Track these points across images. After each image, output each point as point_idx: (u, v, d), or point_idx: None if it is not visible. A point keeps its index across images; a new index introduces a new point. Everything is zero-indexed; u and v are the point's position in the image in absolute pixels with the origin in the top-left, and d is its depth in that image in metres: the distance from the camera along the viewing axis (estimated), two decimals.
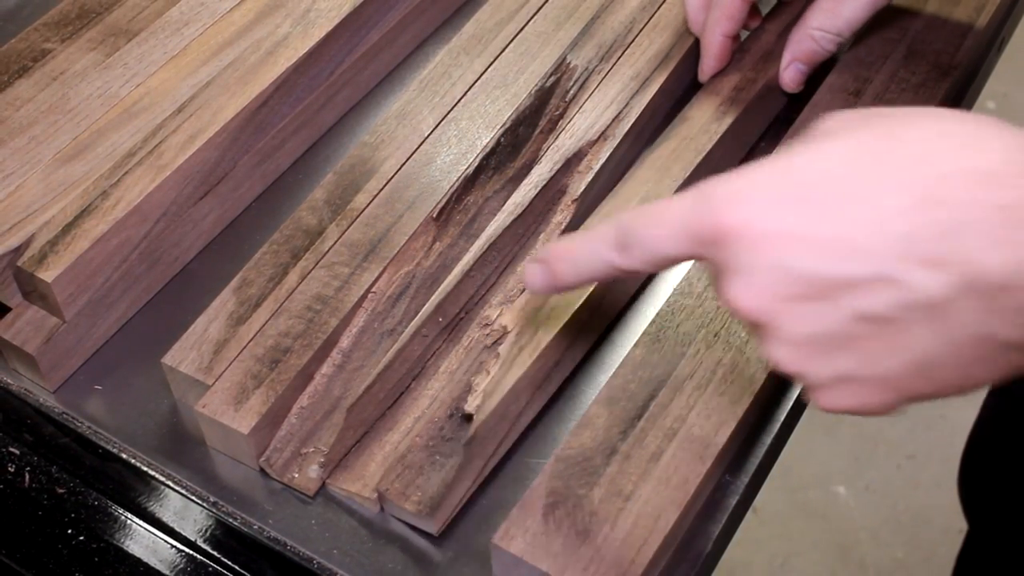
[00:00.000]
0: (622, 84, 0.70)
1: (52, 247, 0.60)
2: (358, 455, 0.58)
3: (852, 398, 0.45)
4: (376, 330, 0.61)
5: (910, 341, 0.43)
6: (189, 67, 0.69)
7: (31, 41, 0.71)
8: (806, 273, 0.43)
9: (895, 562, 1.54)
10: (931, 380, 0.44)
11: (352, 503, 0.57)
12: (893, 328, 0.43)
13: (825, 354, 0.44)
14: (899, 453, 1.63)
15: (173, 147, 0.65)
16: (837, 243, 0.42)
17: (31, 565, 0.59)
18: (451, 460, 0.56)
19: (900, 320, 0.42)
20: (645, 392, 0.57)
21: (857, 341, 0.43)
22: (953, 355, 0.43)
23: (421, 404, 0.59)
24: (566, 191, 0.66)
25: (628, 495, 0.53)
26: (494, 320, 0.61)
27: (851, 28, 0.68)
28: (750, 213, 0.44)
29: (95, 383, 0.63)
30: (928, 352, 0.43)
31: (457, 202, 0.66)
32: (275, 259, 0.63)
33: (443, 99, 0.70)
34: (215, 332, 0.60)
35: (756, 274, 0.44)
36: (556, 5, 0.75)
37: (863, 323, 0.43)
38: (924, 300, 0.42)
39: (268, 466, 0.58)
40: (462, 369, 0.60)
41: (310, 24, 0.71)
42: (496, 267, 0.64)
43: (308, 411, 0.59)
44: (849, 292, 0.42)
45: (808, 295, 0.43)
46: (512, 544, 0.52)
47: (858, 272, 0.42)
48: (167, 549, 0.59)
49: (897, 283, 0.42)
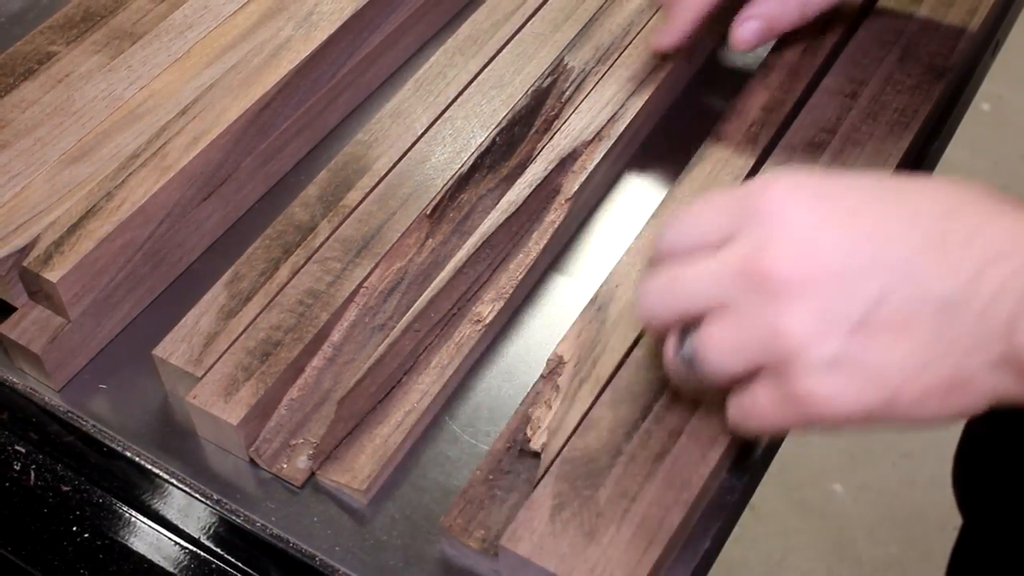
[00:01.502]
0: (618, 85, 0.71)
1: (57, 247, 0.60)
2: (348, 447, 0.58)
3: (844, 385, 0.46)
4: (367, 324, 0.62)
5: (916, 338, 0.45)
6: (193, 70, 0.69)
7: (36, 44, 0.71)
8: (840, 247, 0.46)
9: (891, 558, 1.54)
10: (920, 384, 0.45)
11: (352, 500, 0.58)
12: (904, 318, 0.45)
13: (835, 329, 0.45)
14: (895, 451, 1.63)
15: (177, 149, 0.65)
16: (872, 235, 0.46)
17: (37, 562, 0.59)
18: (512, 495, 0.56)
19: (913, 312, 0.45)
20: (649, 393, 0.57)
21: (870, 326, 0.45)
22: (948, 360, 0.45)
23: (412, 398, 0.60)
24: (560, 190, 0.67)
25: (634, 496, 0.53)
26: (486, 316, 0.62)
27: (819, 1, 0.68)
28: (791, 185, 0.48)
29: (100, 382, 0.63)
30: (924, 351, 0.44)
31: (451, 200, 0.66)
32: (267, 254, 0.63)
33: (437, 98, 0.71)
34: (206, 325, 0.60)
35: (800, 240, 0.46)
36: (553, 7, 0.75)
37: (880, 307, 0.45)
38: (935, 296, 0.44)
39: (257, 456, 0.58)
40: (452, 365, 0.60)
41: (312, 27, 0.71)
42: (489, 264, 0.64)
43: (298, 403, 0.59)
44: (875, 277, 0.45)
45: (836, 271, 0.45)
46: (519, 545, 0.52)
47: (890, 258, 0.45)
48: (171, 546, 0.60)
49: (914, 278, 0.45)
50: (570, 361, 0.59)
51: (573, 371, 0.59)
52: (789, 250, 0.46)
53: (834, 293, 0.45)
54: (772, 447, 0.60)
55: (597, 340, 0.60)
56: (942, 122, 0.72)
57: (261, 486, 0.58)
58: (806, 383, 0.46)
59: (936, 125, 0.71)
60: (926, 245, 0.45)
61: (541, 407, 0.58)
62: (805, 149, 0.66)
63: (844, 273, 0.45)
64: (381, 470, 0.58)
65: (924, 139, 0.70)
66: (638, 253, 0.63)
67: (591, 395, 0.57)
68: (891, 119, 0.68)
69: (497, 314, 0.63)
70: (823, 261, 0.46)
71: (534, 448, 0.56)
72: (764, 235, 0.47)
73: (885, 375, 0.45)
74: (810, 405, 0.46)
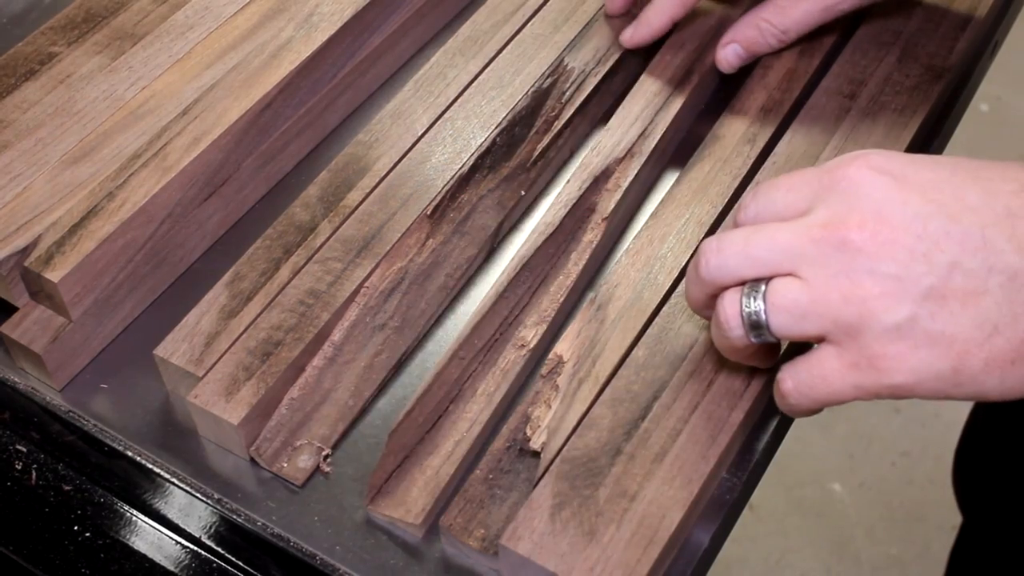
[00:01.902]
0: (646, 100, 0.70)
1: (59, 248, 0.61)
2: (399, 480, 0.57)
3: (911, 350, 0.47)
4: (368, 324, 0.62)
5: (985, 305, 0.47)
6: (194, 70, 0.69)
7: (38, 45, 0.71)
8: (918, 216, 0.47)
9: (890, 558, 1.54)
10: (985, 351, 0.47)
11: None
12: (974, 287, 0.47)
13: (907, 295, 0.47)
14: (893, 451, 1.64)
15: (178, 149, 0.65)
16: (946, 208, 0.47)
17: (38, 561, 0.59)
18: (511, 495, 0.56)
19: (982, 282, 0.46)
20: (648, 393, 0.57)
21: (940, 293, 0.47)
22: (1014, 329, 0.46)
23: (460, 427, 0.59)
24: (595, 209, 0.66)
25: (633, 495, 0.54)
26: (530, 340, 0.61)
27: (798, 29, 0.70)
28: (878, 161, 0.49)
29: (101, 382, 0.63)
30: (993, 318, 0.47)
31: (451, 200, 0.66)
32: (268, 254, 0.64)
33: (438, 99, 0.71)
34: (207, 325, 0.61)
35: (879, 211, 0.48)
36: (553, 8, 0.75)
37: (952, 276, 0.47)
38: (1005, 267, 0.46)
39: (258, 455, 0.58)
40: (500, 392, 0.60)
41: (313, 28, 0.71)
42: (528, 287, 0.63)
43: (298, 403, 0.59)
44: (948, 247, 0.47)
45: (912, 241, 0.47)
46: (519, 544, 0.52)
47: (964, 229, 0.47)
48: (172, 545, 0.60)
49: (985, 250, 0.46)
50: (569, 361, 0.59)
51: (572, 371, 0.59)
52: (868, 219, 0.48)
53: (908, 261, 0.47)
54: (771, 447, 0.60)
55: (596, 340, 0.60)
56: (940, 123, 0.72)
57: (262, 485, 0.58)
58: (875, 347, 0.47)
59: (934, 126, 0.71)
60: (997, 219, 0.47)
61: (541, 406, 0.58)
62: (804, 149, 0.67)
63: (919, 243, 0.47)
64: (435, 502, 0.57)
65: (922, 140, 0.70)
66: (637, 254, 0.63)
67: (591, 395, 0.58)
68: (890, 119, 0.68)
69: (540, 338, 0.62)
70: (900, 230, 0.47)
71: (534, 447, 0.56)
72: (845, 205, 0.48)
73: (952, 341, 0.47)
74: (878, 370, 0.48)
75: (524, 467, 0.57)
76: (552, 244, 0.65)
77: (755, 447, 0.59)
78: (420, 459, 0.58)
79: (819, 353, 0.49)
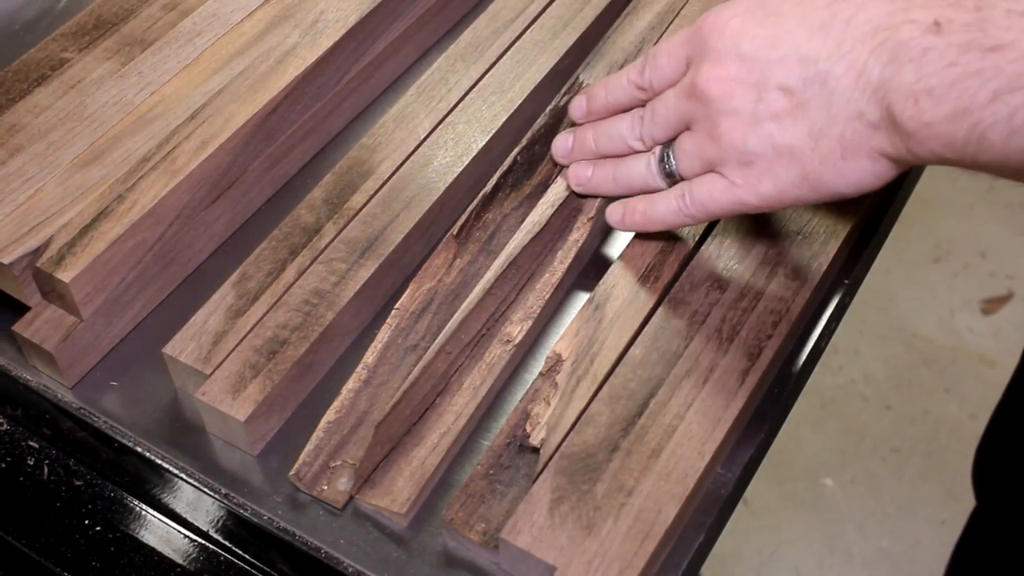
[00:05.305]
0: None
1: (70, 249, 0.61)
2: (386, 470, 0.58)
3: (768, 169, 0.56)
4: (400, 345, 0.62)
5: (810, 114, 0.54)
6: (202, 76, 0.69)
7: (50, 51, 0.71)
8: (753, 56, 0.55)
9: (880, 552, 1.55)
10: (819, 153, 0.54)
11: (390, 522, 0.58)
12: (801, 100, 0.54)
13: (758, 124, 0.55)
14: (884, 447, 1.64)
15: (186, 153, 0.65)
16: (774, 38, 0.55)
17: (50, 555, 0.60)
18: (511, 490, 0.56)
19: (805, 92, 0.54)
20: (645, 390, 0.58)
21: (779, 114, 0.55)
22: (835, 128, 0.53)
23: (446, 420, 0.60)
24: (581, 209, 0.67)
25: (630, 490, 0.54)
26: (515, 336, 0.62)
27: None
28: (724, 15, 0.57)
29: (111, 379, 0.63)
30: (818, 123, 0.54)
31: (476, 220, 0.66)
32: (274, 255, 0.64)
33: (439, 104, 0.71)
34: (214, 324, 0.61)
35: (720, 59, 0.56)
36: (552, 15, 0.76)
37: (782, 95, 0.55)
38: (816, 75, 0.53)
39: (297, 479, 0.58)
40: (485, 385, 0.61)
41: (318, 34, 0.72)
42: (515, 284, 0.64)
43: (335, 425, 0.59)
44: (776, 69, 0.55)
45: (752, 78, 0.55)
46: (519, 538, 0.53)
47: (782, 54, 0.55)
48: (180, 539, 0.61)
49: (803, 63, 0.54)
50: (568, 359, 0.60)
51: (571, 368, 0.59)
52: (712, 69, 0.57)
53: (745, 95, 0.56)
54: (764, 443, 0.61)
55: (595, 338, 0.60)
56: None
57: (268, 480, 0.59)
58: (742, 168, 0.57)
59: None
60: (811, 36, 0.54)
61: (540, 403, 0.58)
62: None
63: (749, 76, 0.55)
64: (420, 492, 0.58)
65: None
66: (633, 256, 0.65)
67: (589, 392, 0.58)
68: None
69: (526, 334, 0.63)
70: (734, 71, 0.56)
71: (533, 444, 0.57)
72: (701, 59, 0.57)
73: (792, 150, 0.55)
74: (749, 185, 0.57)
75: (524, 463, 0.57)
76: (539, 243, 0.65)
77: (749, 443, 0.60)
78: (407, 450, 0.59)
79: (708, 178, 0.59)
